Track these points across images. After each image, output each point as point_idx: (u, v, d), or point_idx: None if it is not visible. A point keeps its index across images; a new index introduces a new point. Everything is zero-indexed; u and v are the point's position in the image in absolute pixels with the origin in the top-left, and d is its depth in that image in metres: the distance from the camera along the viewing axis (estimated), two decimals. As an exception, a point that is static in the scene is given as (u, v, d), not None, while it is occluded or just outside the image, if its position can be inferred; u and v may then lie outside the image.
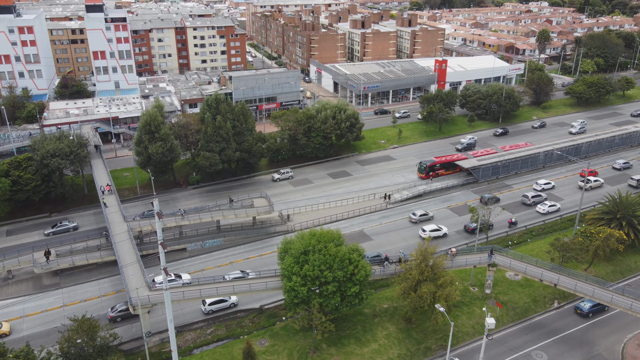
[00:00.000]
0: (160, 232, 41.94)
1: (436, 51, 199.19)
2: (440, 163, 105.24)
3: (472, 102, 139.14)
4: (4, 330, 63.21)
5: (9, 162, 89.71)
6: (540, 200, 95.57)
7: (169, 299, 44.65)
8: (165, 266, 42.67)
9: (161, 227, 42.25)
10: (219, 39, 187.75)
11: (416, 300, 59.16)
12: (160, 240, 41.88)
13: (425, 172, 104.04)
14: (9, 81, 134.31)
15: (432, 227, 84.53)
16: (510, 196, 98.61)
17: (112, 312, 65.89)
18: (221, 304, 67.65)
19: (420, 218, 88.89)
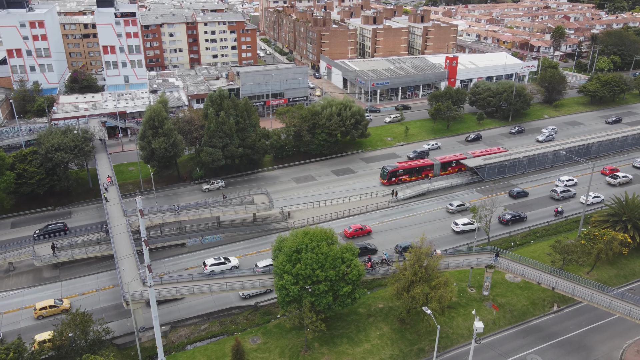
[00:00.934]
0: (144, 230, 41.93)
1: (448, 48, 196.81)
2: (404, 169, 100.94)
3: (482, 99, 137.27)
4: (64, 306, 65.96)
5: (15, 156, 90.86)
6: (570, 195, 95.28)
7: (153, 295, 44.70)
8: (149, 263, 42.66)
9: (144, 224, 42.22)
10: (230, 34, 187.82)
11: (409, 301, 58.55)
12: (143, 237, 41.86)
13: (387, 177, 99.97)
14: (20, 75, 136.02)
15: (465, 220, 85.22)
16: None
17: None
18: (222, 266, 71.58)
19: (457, 209, 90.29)
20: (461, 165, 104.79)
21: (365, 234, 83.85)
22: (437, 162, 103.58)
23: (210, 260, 73.51)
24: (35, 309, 65.47)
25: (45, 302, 66.33)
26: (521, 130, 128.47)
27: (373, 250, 77.97)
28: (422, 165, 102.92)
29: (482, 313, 65.99)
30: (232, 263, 73.97)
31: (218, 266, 72.59)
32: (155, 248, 79.72)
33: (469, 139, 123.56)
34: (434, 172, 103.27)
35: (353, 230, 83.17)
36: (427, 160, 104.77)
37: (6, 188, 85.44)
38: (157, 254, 79.26)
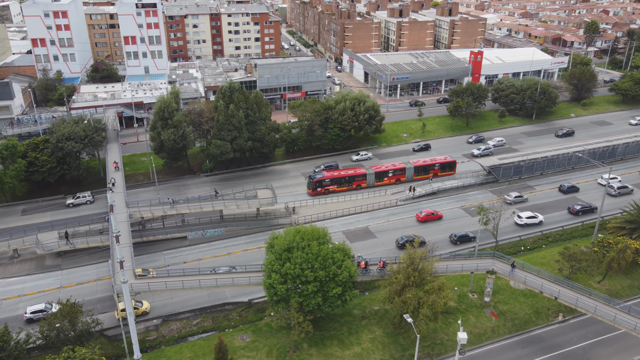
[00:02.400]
0: (115, 225, 41.32)
1: (475, 42, 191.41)
2: (332, 178, 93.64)
3: (505, 96, 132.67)
4: (144, 309, 64.98)
5: (27, 144, 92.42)
6: (627, 191, 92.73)
7: (127, 292, 44.18)
8: (121, 259, 42.10)
9: (116, 220, 41.60)
10: (253, 25, 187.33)
11: (400, 306, 56.58)
12: (116, 233, 41.25)
13: (312, 187, 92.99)
14: (44, 64, 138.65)
15: (528, 214, 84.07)
16: (530, 198, 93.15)
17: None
18: None
19: (515, 199, 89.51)
20: (400, 176, 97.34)
21: (436, 219, 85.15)
22: (370, 172, 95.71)
23: None
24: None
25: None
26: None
27: (473, 237, 78.49)
28: (353, 174, 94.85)
29: (481, 320, 63.50)
30: None
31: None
32: (156, 240, 79.99)
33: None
34: (367, 182, 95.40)
35: (425, 215, 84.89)
36: (360, 170, 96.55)
37: (17, 175, 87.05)
38: (158, 246, 79.56)
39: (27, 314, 63.49)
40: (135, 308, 64.17)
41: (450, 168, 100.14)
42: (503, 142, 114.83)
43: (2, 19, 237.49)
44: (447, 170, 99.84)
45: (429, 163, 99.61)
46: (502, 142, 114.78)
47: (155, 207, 78.46)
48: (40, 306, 64.35)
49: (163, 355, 58.75)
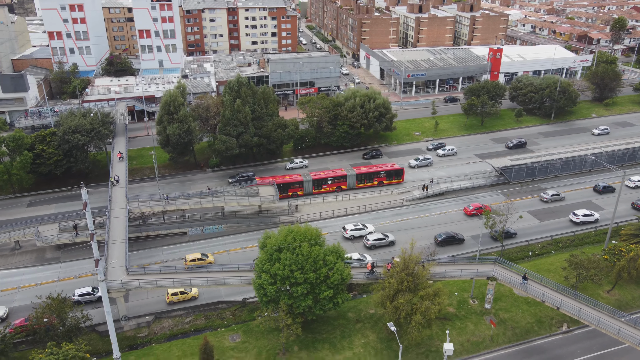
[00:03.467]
0: (91, 223, 40.47)
1: (497, 39, 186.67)
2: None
3: (523, 95, 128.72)
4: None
5: (35, 136, 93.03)
6: None
7: (104, 290, 43.41)
8: (98, 257, 41.30)
9: (91, 217, 40.82)
10: (270, 20, 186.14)
11: (392, 312, 54.71)
12: (91, 230, 40.45)
13: None
14: (60, 57, 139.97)
15: (585, 211, 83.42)
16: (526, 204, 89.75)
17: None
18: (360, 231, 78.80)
19: (552, 198, 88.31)
20: (341, 183, 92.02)
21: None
22: (308, 179, 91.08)
23: (349, 226, 78.49)
24: (186, 260, 70.63)
25: (194, 254, 71.78)
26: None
27: (460, 239, 77.17)
28: (289, 182, 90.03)
29: (480, 328, 61.17)
30: (369, 229, 78.46)
31: (357, 231, 77.94)
32: (155, 235, 79.56)
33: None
34: (305, 190, 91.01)
35: (473, 209, 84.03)
36: (297, 177, 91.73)
37: (23, 167, 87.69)
38: (157, 242, 79.12)
39: (75, 297, 64.68)
40: (185, 293, 65.71)
41: (398, 176, 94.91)
42: (454, 151, 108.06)
43: (27, 12, 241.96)
44: (394, 178, 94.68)
45: (373, 170, 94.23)
46: (453, 150, 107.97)
47: (155, 202, 77.97)
48: (88, 289, 65.95)
49: (152, 353, 58.11)
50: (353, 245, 77.05)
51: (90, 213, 40.50)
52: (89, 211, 40.05)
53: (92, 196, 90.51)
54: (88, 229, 40.80)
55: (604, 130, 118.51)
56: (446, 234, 76.83)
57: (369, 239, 76.62)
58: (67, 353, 49.40)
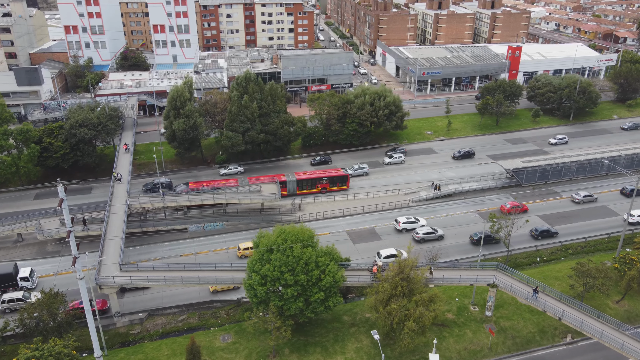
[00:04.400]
0: (69, 220, 39.79)
1: (517, 37, 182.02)
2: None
3: (541, 95, 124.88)
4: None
5: (43, 130, 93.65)
6: None
7: (84, 287, 42.81)
8: (76, 255, 40.64)
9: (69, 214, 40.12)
10: (287, 16, 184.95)
11: (384, 317, 52.98)
12: (69, 228, 39.79)
13: None
14: (75, 51, 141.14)
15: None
16: (556, 205, 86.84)
17: None
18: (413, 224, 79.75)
19: (583, 199, 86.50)
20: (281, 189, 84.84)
21: (522, 212, 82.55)
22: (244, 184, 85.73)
23: (402, 219, 79.39)
24: (239, 249, 72.64)
25: (247, 243, 72.95)
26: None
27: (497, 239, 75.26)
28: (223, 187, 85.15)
29: (478, 336, 59.01)
30: (421, 222, 79.07)
31: (409, 224, 78.71)
32: (156, 231, 79.19)
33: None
34: None
35: (510, 207, 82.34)
36: (233, 182, 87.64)
37: (30, 160, 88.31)
38: (157, 237, 78.72)
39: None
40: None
41: (342, 182, 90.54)
42: (402, 158, 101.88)
43: (49, 6, 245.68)
44: (339, 185, 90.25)
45: (316, 176, 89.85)
46: (401, 159, 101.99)
47: (156, 197, 77.54)
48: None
49: (141, 351, 57.55)
50: (402, 238, 76.93)
51: (67, 210, 39.83)
52: (65, 208, 39.39)
53: (97, 190, 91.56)
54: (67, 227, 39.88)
55: (561, 140, 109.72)
56: (482, 233, 74.08)
57: (418, 232, 76.79)
58: (52, 349, 49.09)
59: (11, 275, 65.01)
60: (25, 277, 66.30)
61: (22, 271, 67.27)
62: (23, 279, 66.08)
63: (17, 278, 65.17)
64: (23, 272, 66.87)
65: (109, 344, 59.86)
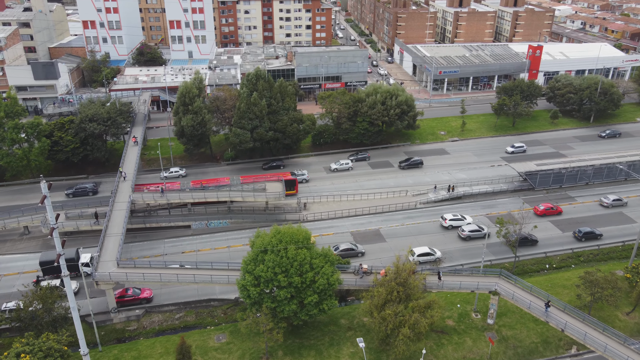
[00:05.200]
0: (53, 216, 39.46)
1: (540, 35, 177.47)
2: None
3: (561, 96, 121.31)
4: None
5: (54, 124, 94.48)
6: None
7: (69, 284, 42.52)
8: (60, 252, 40.34)
9: (52, 210, 39.78)
10: (305, 13, 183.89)
11: (379, 322, 51.61)
12: (52, 224, 39.48)
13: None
14: (93, 45, 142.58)
15: None
16: (570, 210, 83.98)
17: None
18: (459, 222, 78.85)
19: (613, 203, 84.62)
20: None
21: (556, 214, 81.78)
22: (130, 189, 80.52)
23: (449, 215, 78.88)
24: None
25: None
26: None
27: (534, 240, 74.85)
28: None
29: (478, 344, 57.17)
30: (467, 220, 78.35)
31: (455, 221, 77.94)
32: (159, 227, 79.11)
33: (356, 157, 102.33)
34: None
35: (544, 209, 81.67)
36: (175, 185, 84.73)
37: (41, 154, 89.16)
38: (161, 234, 78.61)
39: None
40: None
41: (291, 187, 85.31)
42: (349, 165, 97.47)
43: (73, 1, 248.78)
44: (287, 189, 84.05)
45: (260, 180, 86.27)
46: (348, 165, 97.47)
47: (159, 194, 77.39)
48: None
49: (135, 348, 57.33)
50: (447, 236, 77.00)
51: (50, 207, 39.52)
52: (49, 205, 39.08)
53: (106, 185, 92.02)
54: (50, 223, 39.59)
55: (519, 148, 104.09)
56: (520, 235, 72.58)
57: (464, 229, 75.95)
58: (42, 344, 49.11)
59: (73, 261, 65.63)
60: (86, 263, 67.47)
61: (83, 257, 68.32)
62: (84, 265, 67.24)
63: (79, 263, 66.04)
64: (84, 258, 68.06)
65: (105, 340, 59.90)
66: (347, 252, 71.67)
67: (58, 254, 40.03)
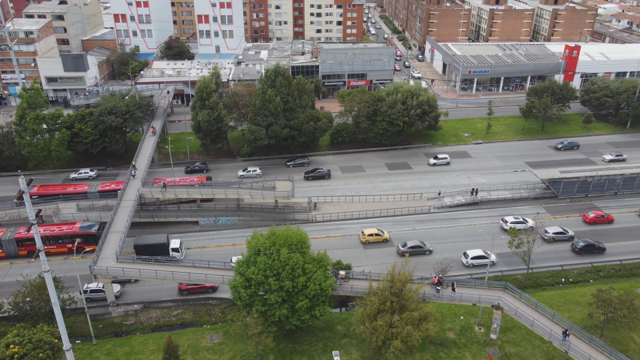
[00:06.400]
0: (32, 213, 39.35)
1: (581, 35, 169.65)
2: None
3: (596, 99, 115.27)
4: (385, 237, 74.19)
5: (75, 115, 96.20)
6: None
7: (50, 280, 42.47)
8: (41, 248, 40.26)
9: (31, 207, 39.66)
10: (336, 8, 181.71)
11: (370, 332, 49.71)
12: (32, 220, 39.40)
13: None
14: (123, 38, 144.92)
15: None
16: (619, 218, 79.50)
17: None
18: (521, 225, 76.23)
19: None
20: None
21: (606, 222, 78.84)
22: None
23: (510, 218, 77.18)
24: (364, 235, 74.03)
25: (371, 229, 74.69)
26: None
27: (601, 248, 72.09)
28: (53, 193, 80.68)
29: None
30: (530, 224, 75.36)
31: (517, 224, 75.22)
32: (167, 222, 79.26)
33: None
34: None
35: (594, 217, 78.78)
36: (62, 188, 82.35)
37: (60, 144, 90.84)
38: (168, 228, 78.60)
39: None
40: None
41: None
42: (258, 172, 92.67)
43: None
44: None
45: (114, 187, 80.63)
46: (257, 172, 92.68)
47: (167, 189, 77.45)
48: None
49: (128, 343, 57.36)
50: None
51: (29, 202, 39.44)
52: (28, 201, 38.99)
53: (123, 177, 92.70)
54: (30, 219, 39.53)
55: (441, 160, 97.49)
56: (585, 241, 72.05)
57: (548, 231, 74.43)
58: (32, 336, 49.60)
59: (165, 246, 67.89)
60: (175, 248, 69.67)
61: (172, 242, 70.52)
62: (174, 250, 69.41)
63: (169, 249, 68.36)
64: (174, 244, 70.31)
65: (102, 333, 60.33)
66: (414, 249, 71.06)
67: (38, 250, 39.93)
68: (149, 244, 67.77)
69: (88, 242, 70.16)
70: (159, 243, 68.01)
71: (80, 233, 71.04)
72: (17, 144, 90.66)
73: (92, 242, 69.79)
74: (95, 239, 69.28)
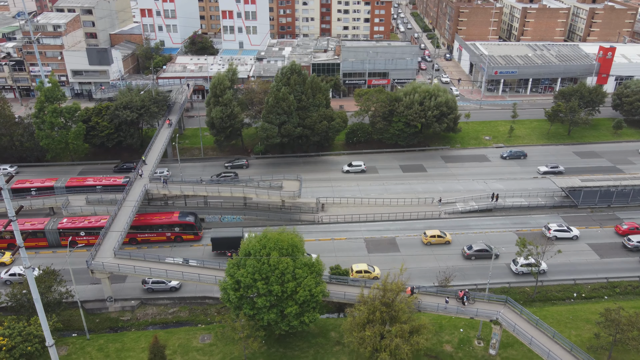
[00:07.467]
0: (11, 209, 39.27)
1: (619, 35, 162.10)
2: None
3: (629, 104, 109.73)
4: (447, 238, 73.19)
5: (92, 109, 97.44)
6: None
7: (31, 277, 42.46)
8: (21, 245, 40.23)
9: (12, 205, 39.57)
10: (364, 5, 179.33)
11: (358, 342, 48.07)
12: (11, 216, 39.35)
13: None
14: (149, 33, 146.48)
15: None
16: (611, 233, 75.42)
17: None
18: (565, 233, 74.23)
19: None
20: None
21: None
22: None
23: (553, 226, 74.86)
24: (426, 236, 72.93)
25: (434, 231, 73.63)
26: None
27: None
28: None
29: (474, 376, 52.17)
30: (574, 232, 73.88)
31: (561, 232, 73.54)
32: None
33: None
34: None
35: (628, 228, 75.12)
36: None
37: (76, 137, 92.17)
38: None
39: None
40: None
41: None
42: (362, 167, 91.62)
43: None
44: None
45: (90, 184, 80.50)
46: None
47: (173, 185, 77.46)
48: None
49: (120, 340, 57.39)
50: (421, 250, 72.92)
51: (9, 200, 39.40)
52: (7, 198, 38.95)
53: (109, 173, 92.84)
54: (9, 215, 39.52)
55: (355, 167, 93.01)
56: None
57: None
58: (22, 329, 50.05)
59: (240, 239, 67.33)
60: None
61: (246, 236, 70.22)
62: None
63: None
64: None
65: (98, 328, 60.63)
66: (480, 252, 69.71)
67: (19, 246, 39.98)
68: (226, 237, 69.87)
69: (185, 232, 72.56)
70: (234, 237, 69.22)
71: (179, 222, 73.05)
72: (35, 136, 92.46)
73: (190, 231, 72.22)
74: (193, 228, 72.75)
